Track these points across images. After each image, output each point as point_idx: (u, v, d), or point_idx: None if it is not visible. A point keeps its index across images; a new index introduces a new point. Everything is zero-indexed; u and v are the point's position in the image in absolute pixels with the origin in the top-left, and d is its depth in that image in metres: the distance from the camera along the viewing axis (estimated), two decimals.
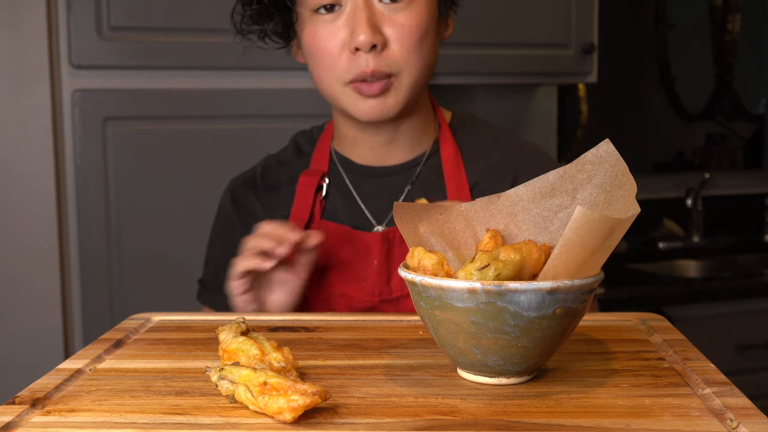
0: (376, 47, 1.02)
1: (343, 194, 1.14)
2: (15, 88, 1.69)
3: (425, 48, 1.06)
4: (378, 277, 1.08)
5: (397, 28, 1.03)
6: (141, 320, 0.88)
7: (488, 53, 1.96)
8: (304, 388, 0.58)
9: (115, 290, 1.75)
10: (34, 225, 1.71)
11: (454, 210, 0.76)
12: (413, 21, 1.03)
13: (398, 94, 1.06)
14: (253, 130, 1.79)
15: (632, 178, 0.69)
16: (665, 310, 2.00)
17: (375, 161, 1.14)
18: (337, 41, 1.04)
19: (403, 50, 1.04)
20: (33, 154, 1.70)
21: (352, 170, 1.15)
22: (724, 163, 3.01)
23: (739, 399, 0.62)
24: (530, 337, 0.62)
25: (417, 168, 1.14)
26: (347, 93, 1.06)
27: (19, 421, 0.59)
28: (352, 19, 1.03)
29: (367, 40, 1.01)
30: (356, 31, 1.02)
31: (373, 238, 1.09)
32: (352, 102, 1.06)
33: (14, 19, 1.68)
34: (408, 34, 1.03)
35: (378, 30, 1.02)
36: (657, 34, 2.90)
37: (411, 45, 1.04)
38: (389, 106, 1.06)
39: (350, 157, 1.15)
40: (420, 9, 1.04)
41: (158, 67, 1.75)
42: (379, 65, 1.03)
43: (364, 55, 1.02)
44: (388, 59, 1.03)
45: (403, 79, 1.05)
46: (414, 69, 1.05)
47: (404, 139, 1.13)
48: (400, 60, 1.04)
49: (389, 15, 1.03)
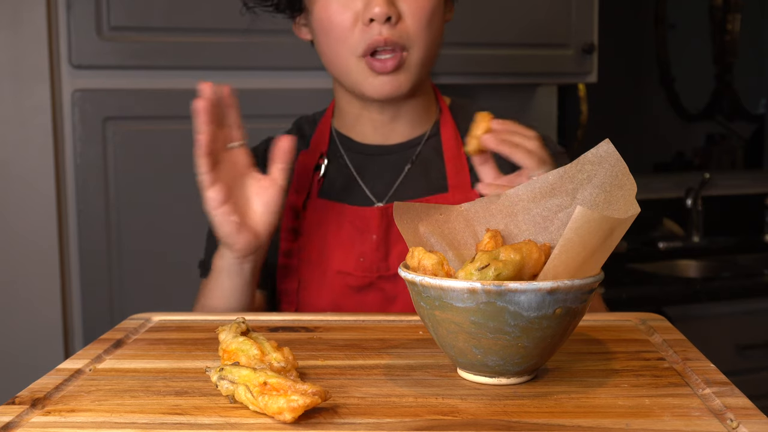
0: (390, 19, 1.03)
1: (342, 172, 1.15)
2: (15, 88, 1.69)
3: (434, 25, 1.08)
4: (376, 252, 1.09)
5: (410, 3, 1.05)
6: (141, 320, 0.88)
7: (488, 53, 1.96)
8: (304, 388, 0.58)
9: (115, 290, 1.75)
10: (34, 225, 1.71)
11: (454, 210, 0.76)
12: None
13: (409, 71, 1.07)
14: (253, 130, 1.78)
15: (632, 178, 0.69)
16: (665, 310, 2.00)
17: (376, 140, 1.15)
18: (351, 13, 1.05)
19: (416, 24, 1.05)
20: (33, 154, 1.70)
21: (352, 149, 1.16)
22: (724, 163, 3.01)
23: (739, 399, 0.62)
24: (530, 337, 0.62)
25: (417, 148, 1.15)
26: (360, 68, 1.06)
27: (19, 421, 0.59)
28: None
29: (383, 11, 1.02)
30: (372, 3, 1.03)
31: (371, 213, 1.10)
32: (364, 78, 1.07)
33: (14, 19, 1.68)
34: (421, 8, 1.05)
35: (392, 3, 1.04)
36: (657, 34, 2.90)
37: (423, 20, 1.05)
38: (401, 82, 1.07)
39: (351, 135, 1.16)
40: None
41: (158, 67, 1.75)
42: (392, 36, 1.04)
43: (377, 26, 1.03)
44: (402, 32, 1.05)
45: (414, 54, 1.06)
46: (425, 44, 1.07)
47: (406, 118, 1.15)
48: (413, 34, 1.05)
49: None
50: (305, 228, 1.12)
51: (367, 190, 1.14)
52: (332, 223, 1.10)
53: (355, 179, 1.14)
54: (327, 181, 1.15)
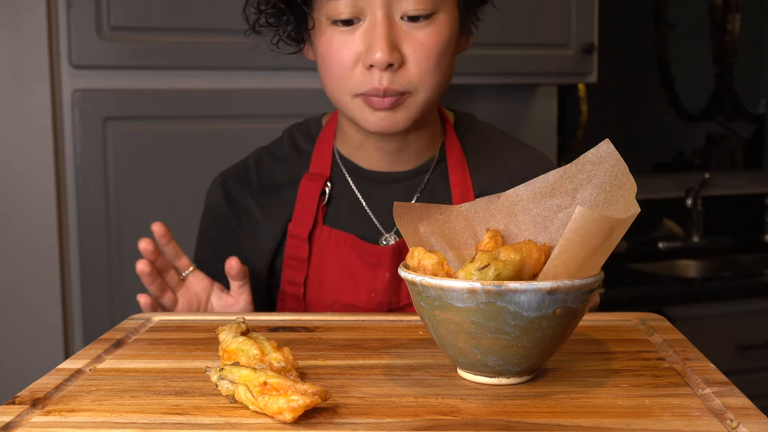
0: (392, 65, 0.98)
1: (349, 200, 1.11)
2: (15, 88, 1.69)
3: (443, 67, 1.01)
4: (388, 288, 1.06)
5: (416, 47, 0.98)
6: (141, 320, 0.88)
7: (488, 53, 1.96)
8: (304, 388, 0.58)
9: (115, 290, 1.75)
10: (34, 225, 1.71)
11: (454, 210, 0.76)
12: (433, 40, 0.99)
13: (410, 111, 1.01)
14: (253, 130, 1.79)
15: (632, 178, 0.69)
16: (665, 310, 2.00)
17: (382, 167, 1.11)
18: (352, 54, 0.99)
19: (421, 70, 0.99)
20: (33, 154, 1.70)
21: (359, 175, 1.11)
22: (724, 163, 3.01)
23: (739, 399, 0.62)
24: (530, 337, 0.62)
25: (425, 175, 1.11)
26: (357, 104, 1.02)
27: (19, 421, 0.59)
28: (371, 34, 0.97)
29: (384, 58, 0.96)
30: (373, 47, 0.97)
31: (384, 252, 1.06)
32: (360, 113, 1.02)
33: (14, 19, 1.68)
34: (427, 53, 0.99)
35: (396, 48, 0.98)
36: (657, 34, 2.90)
37: (429, 65, 0.99)
38: (398, 120, 1.01)
39: (356, 161, 1.11)
40: (442, 27, 1.00)
41: (158, 67, 1.75)
42: (393, 83, 0.98)
43: (378, 72, 0.98)
44: (404, 78, 0.99)
45: (417, 97, 1.01)
46: (429, 88, 1.01)
47: (413, 147, 1.10)
48: (416, 79, 1.00)
49: (409, 32, 0.98)
50: (311, 257, 1.09)
51: (375, 219, 1.10)
52: (341, 254, 1.07)
53: (363, 207, 1.10)
54: (332, 207, 1.10)
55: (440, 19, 1.00)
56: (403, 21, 0.98)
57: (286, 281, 1.10)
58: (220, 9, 1.75)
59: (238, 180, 1.16)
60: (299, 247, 1.09)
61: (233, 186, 1.15)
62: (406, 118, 1.02)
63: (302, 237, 1.08)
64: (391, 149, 1.09)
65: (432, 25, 0.99)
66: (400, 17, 0.98)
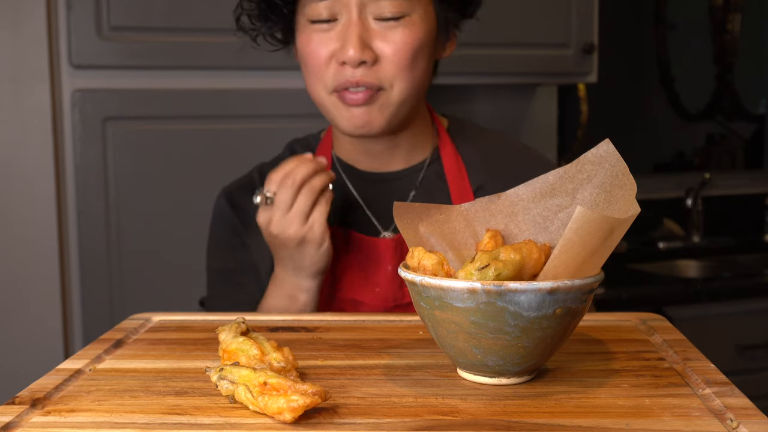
0: (365, 63, 1.02)
1: (346, 200, 1.14)
2: (15, 88, 1.69)
3: (418, 66, 1.04)
4: (392, 282, 1.08)
5: (390, 45, 1.02)
6: (141, 320, 0.88)
7: (488, 53, 1.96)
8: (304, 388, 0.58)
9: (115, 290, 1.75)
10: (34, 225, 1.71)
11: (454, 210, 0.76)
12: (408, 38, 1.02)
13: (384, 109, 1.04)
14: (253, 130, 1.79)
15: (632, 178, 0.69)
16: (665, 310, 2.00)
17: (377, 167, 1.14)
18: (327, 51, 1.03)
19: (394, 68, 1.03)
20: (33, 154, 1.70)
21: (356, 176, 1.14)
22: (724, 163, 3.01)
23: (739, 399, 0.62)
24: (530, 337, 0.62)
25: (420, 173, 1.14)
26: (332, 101, 1.05)
27: (19, 421, 0.59)
28: (344, 33, 1.02)
29: (356, 56, 1.01)
30: (346, 45, 1.01)
31: (386, 245, 1.09)
32: (337, 111, 1.05)
33: (14, 19, 1.68)
34: (400, 52, 1.02)
35: (368, 47, 1.02)
36: (657, 34, 2.90)
37: (402, 63, 1.03)
38: (373, 118, 1.04)
39: (352, 163, 1.15)
40: (416, 27, 1.03)
41: (158, 67, 1.75)
42: (366, 77, 1.02)
43: (350, 69, 1.02)
44: (378, 74, 1.03)
45: (391, 94, 1.04)
46: (404, 86, 1.04)
47: (405, 146, 1.13)
48: (390, 76, 1.03)
49: (383, 31, 1.02)
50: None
51: (373, 218, 1.12)
52: (343, 251, 1.10)
53: (361, 207, 1.13)
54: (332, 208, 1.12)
55: (413, 20, 1.03)
56: (377, 22, 1.03)
57: None
58: (220, 9, 1.74)
59: (243, 190, 1.19)
60: None
61: (239, 196, 1.18)
62: (380, 116, 1.04)
63: None
64: (381, 150, 1.12)
65: (406, 25, 1.03)
66: (374, 18, 1.02)
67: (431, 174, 1.14)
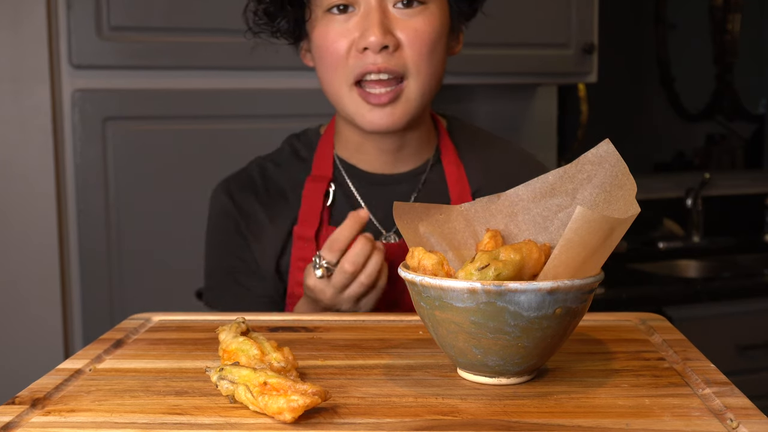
0: (387, 48, 1.00)
1: (349, 201, 1.12)
2: (15, 88, 1.69)
3: (436, 56, 1.04)
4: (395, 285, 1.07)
5: (410, 32, 1.02)
6: (141, 320, 0.88)
7: (488, 53, 1.96)
8: (304, 388, 0.58)
9: (115, 290, 1.75)
10: (34, 225, 1.71)
11: (454, 210, 0.76)
12: (427, 26, 1.02)
13: (407, 104, 1.04)
14: (253, 130, 1.79)
15: (632, 178, 0.69)
16: (665, 310, 2.00)
17: (381, 168, 1.13)
18: (347, 41, 1.02)
19: (415, 54, 1.02)
20: (33, 154, 1.70)
21: (358, 177, 1.13)
22: (724, 163, 3.01)
23: (739, 399, 0.62)
24: (530, 337, 0.62)
25: (422, 176, 1.13)
26: (353, 98, 1.04)
27: (19, 421, 0.59)
28: (365, 21, 1.01)
29: (378, 41, 0.99)
30: (367, 32, 1.00)
31: (390, 248, 1.07)
32: (357, 110, 1.04)
33: (14, 19, 1.68)
34: (420, 38, 1.02)
35: (390, 32, 1.01)
36: (657, 34, 2.90)
37: (423, 50, 1.02)
38: (397, 117, 1.03)
39: (355, 163, 1.13)
40: (434, 17, 1.03)
41: (158, 67, 1.75)
42: (388, 64, 1.01)
43: (372, 54, 1.01)
44: (399, 60, 1.02)
45: (412, 85, 1.03)
46: (424, 76, 1.03)
47: (411, 147, 1.12)
48: (411, 63, 1.02)
49: (403, 19, 1.02)
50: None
51: (375, 220, 1.11)
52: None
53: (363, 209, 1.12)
54: (335, 209, 1.12)
55: (432, 8, 1.04)
56: (396, 9, 1.02)
57: (294, 283, 1.10)
58: (220, 9, 1.75)
59: (241, 186, 1.17)
60: (306, 248, 1.09)
61: (237, 191, 1.16)
62: (404, 113, 1.04)
63: (309, 238, 1.09)
64: (390, 149, 1.11)
65: (424, 13, 1.03)
66: (393, 5, 1.02)
67: (433, 176, 1.13)
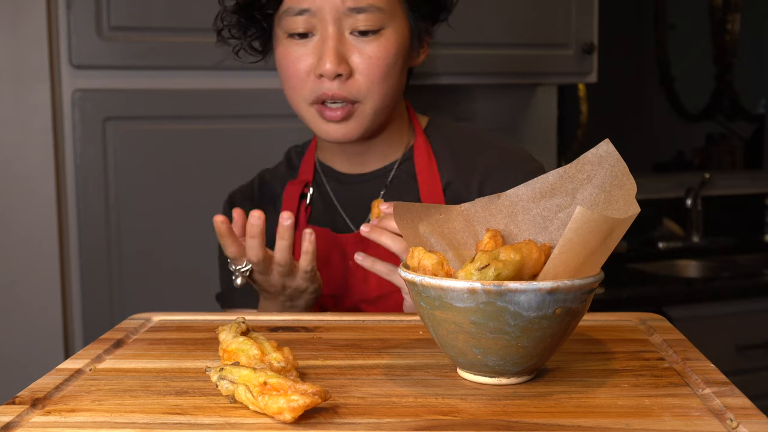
0: (341, 76, 1.05)
1: (324, 201, 1.18)
2: (15, 88, 1.69)
3: (391, 79, 1.08)
4: (353, 277, 1.11)
5: (364, 59, 1.06)
6: (141, 320, 0.88)
7: (488, 53, 1.96)
8: (304, 388, 0.58)
9: (115, 290, 1.75)
10: (34, 225, 1.71)
11: (454, 210, 0.76)
12: (381, 53, 1.06)
13: (360, 121, 1.09)
14: (253, 130, 1.79)
15: (632, 178, 0.69)
16: (665, 310, 2.00)
17: (352, 169, 1.18)
18: (305, 65, 1.07)
19: (368, 81, 1.07)
20: (33, 154, 1.70)
21: (332, 177, 1.19)
22: (724, 163, 3.01)
23: (739, 399, 0.62)
24: (530, 337, 0.62)
25: (390, 173, 1.17)
26: (311, 113, 1.09)
27: (19, 421, 0.59)
28: (321, 47, 1.06)
29: (332, 69, 1.04)
30: (323, 59, 1.05)
31: (347, 240, 1.13)
32: (315, 123, 1.10)
33: (14, 19, 1.68)
34: (374, 66, 1.06)
35: (344, 60, 1.05)
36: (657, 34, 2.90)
37: (376, 76, 1.07)
38: (350, 130, 1.09)
39: (331, 165, 1.19)
40: (389, 43, 1.07)
41: (158, 67, 1.75)
42: (342, 91, 1.06)
43: (328, 81, 1.06)
44: (353, 88, 1.06)
45: (365, 106, 1.08)
46: (378, 98, 1.08)
47: (379, 148, 1.17)
48: (364, 89, 1.07)
49: (358, 46, 1.06)
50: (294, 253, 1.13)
51: (347, 217, 1.16)
52: (321, 250, 1.13)
53: (336, 207, 1.17)
54: (314, 209, 1.18)
55: (387, 34, 1.07)
56: (352, 36, 1.06)
57: None
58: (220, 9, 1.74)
59: (243, 196, 1.25)
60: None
61: (239, 200, 1.24)
62: (357, 127, 1.09)
63: None
64: (358, 152, 1.17)
65: (379, 39, 1.07)
66: (349, 32, 1.06)
67: (402, 173, 1.16)
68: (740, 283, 2.19)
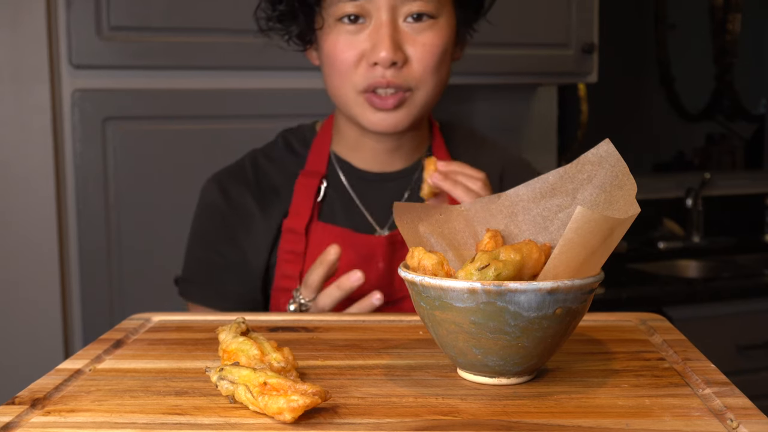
0: (396, 64, 1.03)
1: (342, 197, 1.15)
2: (15, 88, 1.69)
3: (443, 68, 1.08)
4: (382, 279, 1.09)
5: (419, 47, 1.04)
6: (141, 320, 0.88)
7: (488, 53, 1.96)
8: (304, 388, 0.58)
9: (115, 290, 1.75)
10: (34, 225, 1.71)
11: (454, 210, 0.76)
12: (436, 41, 1.05)
13: (410, 110, 1.07)
14: (253, 130, 1.79)
15: (632, 178, 0.69)
16: (665, 310, 2.00)
17: (375, 167, 1.16)
18: (356, 52, 1.05)
19: (422, 69, 1.05)
20: (33, 154, 1.70)
21: (352, 174, 1.16)
22: (724, 163, 3.01)
23: (739, 399, 0.62)
24: (530, 337, 0.62)
25: (414, 174, 1.16)
26: (359, 102, 1.07)
27: (19, 421, 0.59)
28: (376, 34, 1.03)
29: (388, 57, 1.02)
30: (378, 46, 1.03)
31: (378, 242, 1.10)
32: (363, 112, 1.07)
33: (14, 19, 1.68)
34: (429, 53, 1.05)
35: (400, 48, 1.04)
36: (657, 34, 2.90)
37: (431, 64, 1.05)
38: (399, 120, 1.07)
39: (350, 160, 1.16)
40: (443, 30, 1.06)
41: (158, 67, 1.75)
42: (396, 79, 1.04)
43: (381, 69, 1.04)
44: (407, 76, 1.05)
45: (417, 95, 1.06)
46: (430, 87, 1.07)
47: (406, 147, 1.15)
48: (418, 78, 1.05)
49: (412, 34, 1.04)
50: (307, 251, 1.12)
51: (369, 216, 1.14)
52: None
53: (357, 205, 1.15)
54: (326, 204, 1.15)
55: (441, 23, 1.06)
56: (406, 23, 1.04)
57: (281, 276, 1.11)
58: (220, 9, 1.75)
59: (235, 178, 1.18)
60: (296, 241, 1.11)
61: (230, 184, 1.18)
62: (406, 117, 1.07)
63: (299, 231, 1.12)
64: (386, 149, 1.14)
65: (434, 27, 1.05)
66: (403, 19, 1.04)
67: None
68: (740, 284, 2.19)
